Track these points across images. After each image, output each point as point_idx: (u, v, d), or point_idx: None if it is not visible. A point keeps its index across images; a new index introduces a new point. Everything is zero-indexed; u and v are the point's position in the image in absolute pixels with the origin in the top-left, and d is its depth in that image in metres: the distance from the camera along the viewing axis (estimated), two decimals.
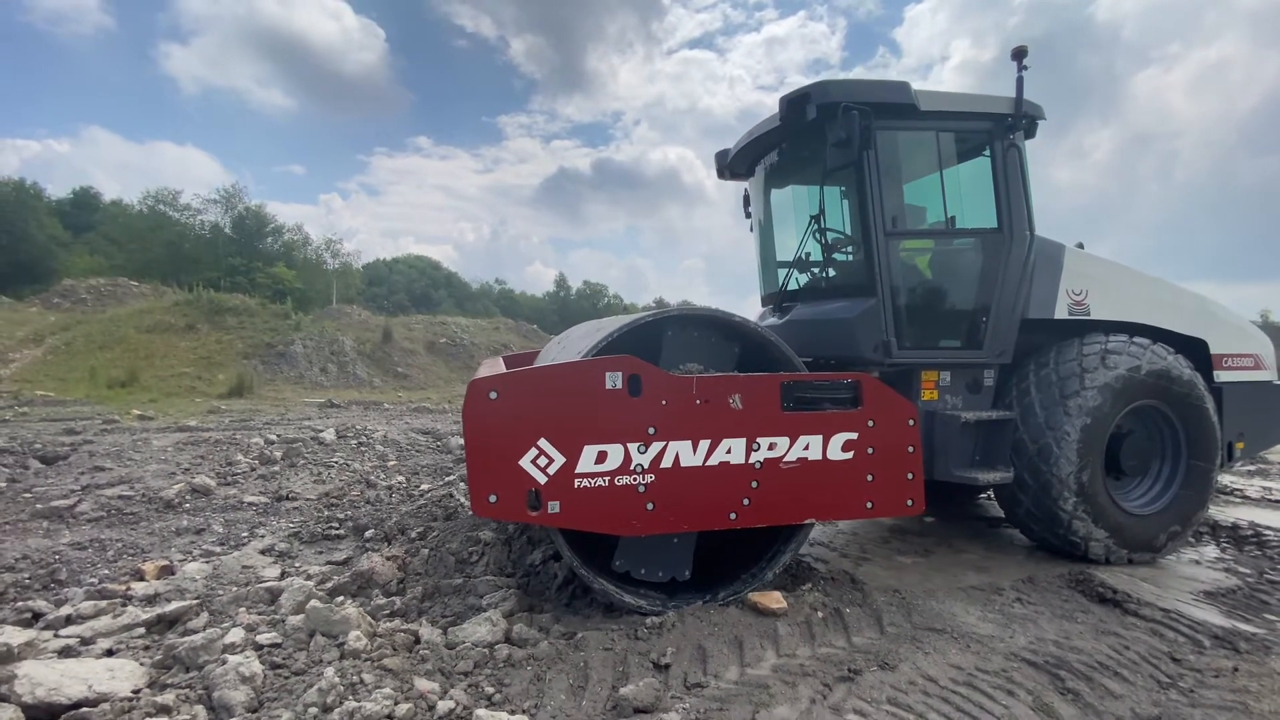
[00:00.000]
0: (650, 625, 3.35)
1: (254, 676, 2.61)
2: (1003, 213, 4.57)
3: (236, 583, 4.01)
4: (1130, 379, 4.43)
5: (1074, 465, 4.28)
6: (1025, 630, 3.45)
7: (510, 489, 3.04)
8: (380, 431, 9.48)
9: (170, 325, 18.07)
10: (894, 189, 4.57)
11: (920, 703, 2.75)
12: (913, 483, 3.60)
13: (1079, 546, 4.43)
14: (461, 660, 2.92)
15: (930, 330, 4.59)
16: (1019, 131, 4.56)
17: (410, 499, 6.03)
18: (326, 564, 4.44)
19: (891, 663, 3.05)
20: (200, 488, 6.04)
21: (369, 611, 3.52)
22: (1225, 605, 3.96)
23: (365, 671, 2.66)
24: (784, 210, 5.55)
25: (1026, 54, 4.47)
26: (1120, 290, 4.83)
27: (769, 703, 2.72)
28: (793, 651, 3.17)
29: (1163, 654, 3.27)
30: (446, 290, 70.90)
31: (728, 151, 5.63)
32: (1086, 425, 4.30)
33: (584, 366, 3.20)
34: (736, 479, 3.36)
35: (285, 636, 3.06)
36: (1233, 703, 2.84)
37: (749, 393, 3.37)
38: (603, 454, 3.16)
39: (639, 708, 2.61)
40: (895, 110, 4.37)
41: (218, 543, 4.79)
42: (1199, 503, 4.70)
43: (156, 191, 37.44)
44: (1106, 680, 2.98)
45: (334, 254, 44.52)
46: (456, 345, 22.75)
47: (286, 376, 16.73)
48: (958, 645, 3.26)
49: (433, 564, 4.41)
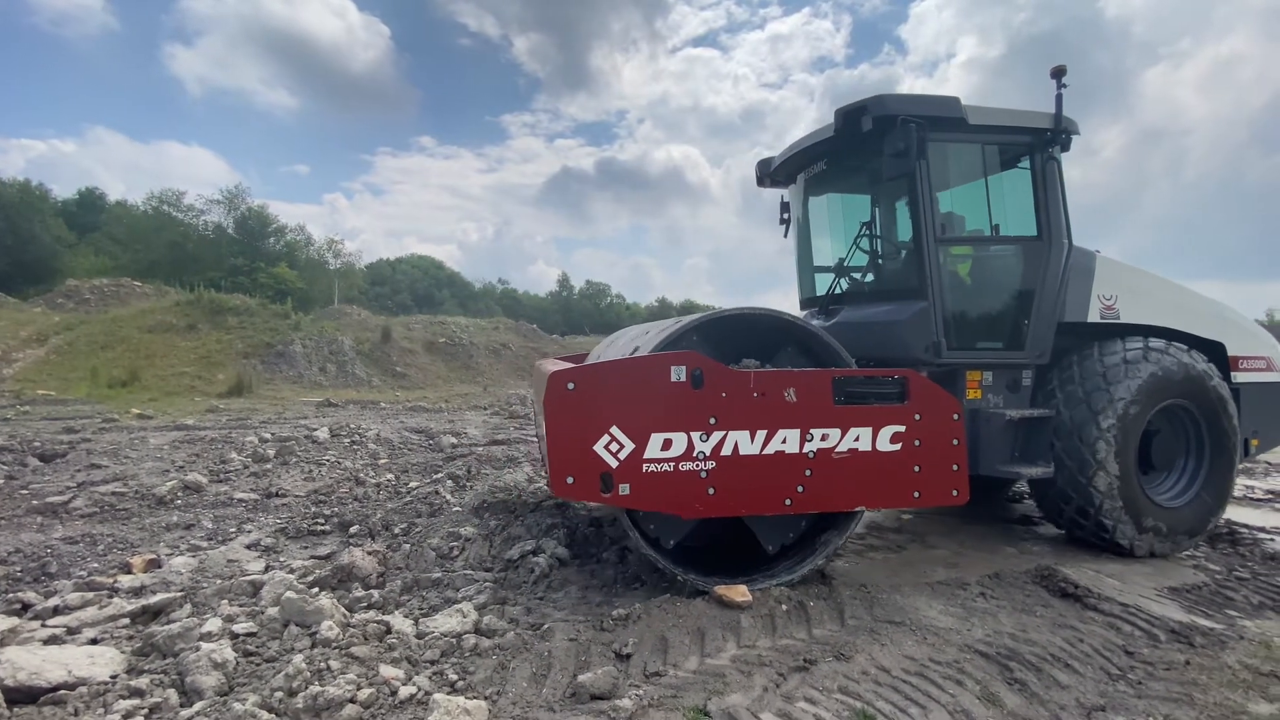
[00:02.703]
0: (616, 617, 3.45)
1: (225, 663, 2.71)
2: (1042, 221, 4.81)
3: (221, 576, 4.13)
4: (1163, 380, 4.65)
5: (1110, 461, 4.49)
6: (984, 623, 3.53)
7: (585, 472, 3.32)
8: (374, 430, 9.60)
9: (171, 325, 18.26)
10: (942, 198, 4.82)
11: (870, 691, 2.84)
12: (957, 474, 3.81)
13: (1112, 539, 4.61)
14: (429, 649, 3.02)
15: (976, 332, 4.81)
16: (1057, 145, 4.81)
17: (397, 496, 6.14)
18: (310, 558, 4.55)
19: (847, 653, 3.14)
20: (192, 484, 6.17)
21: (346, 604, 3.63)
22: (1188, 601, 4.03)
23: (333, 659, 2.77)
24: (826, 217, 5.80)
25: (1065, 72, 4.72)
26: (1146, 295, 5.06)
27: (723, 690, 2.81)
28: (753, 643, 3.26)
29: (1116, 647, 3.35)
30: (449, 290, 71.13)
31: (770, 160, 5.85)
32: (1122, 423, 4.51)
33: (652, 361, 3.47)
34: (792, 467, 3.60)
35: (261, 626, 3.17)
36: (1179, 694, 2.91)
37: (803, 387, 3.61)
38: (668, 441, 3.43)
39: (596, 695, 2.71)
40: (946, 124, 4.58)
41: (206, 538, 4.90)
42: (1222, 496, 4.92)
43: (161, 192, 37.77)
44: (1056, 671, 3.06)
45: (336, 254, 44.81)
46: (455, 345, 22.90)
47: (286, 376, 16.88)
48: (915, 637, 3.34)
49: (413, 558, 4.52)
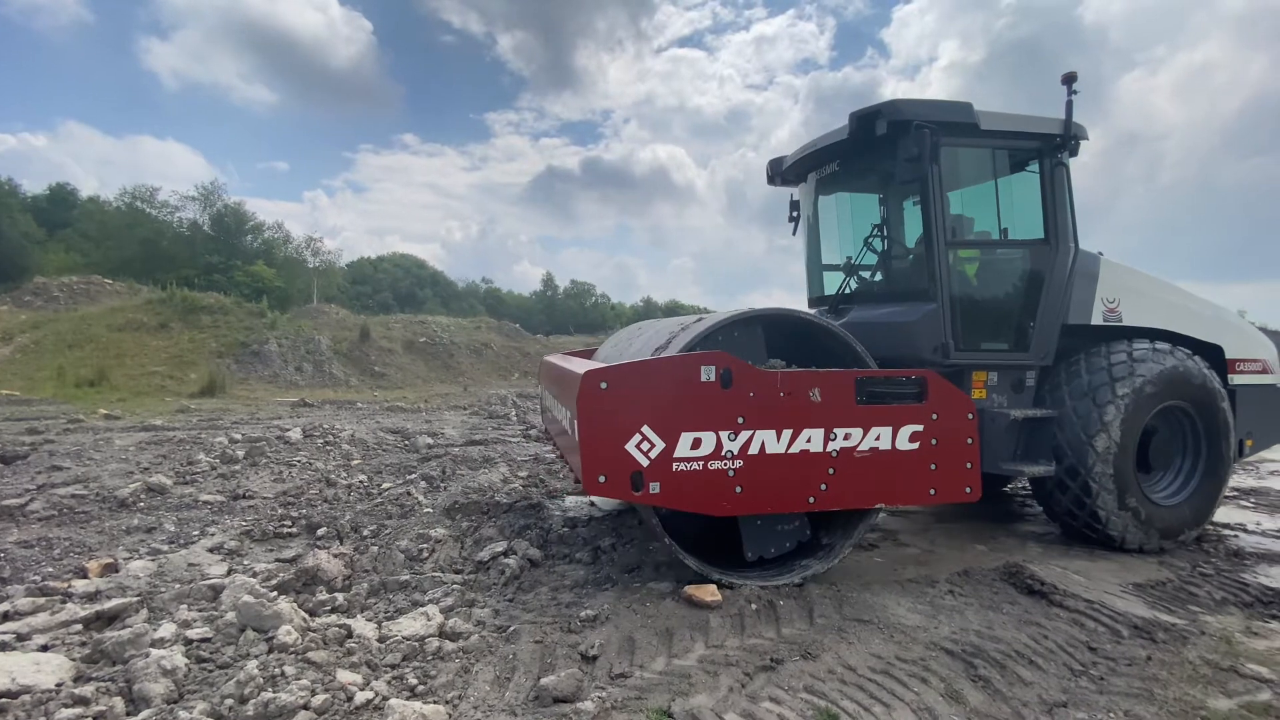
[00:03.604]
0: (584, 618, 3.42)
1: (176, 670, 2.64)
2: (1049, 225, 4.88)
3: (180, 580, 4.02)
4: (1164, 382, 4.74)
5: (1111, 460, 4.57)
6: (951, 621, 3.54)
7: (617, 470, 3.35)
8: (348, 431, 9.46)
9: (142, 324, 17.86)
10: (952, 201, 4.89)
11: (835, 690, 2.83)
12: (971, 471, 3.91)
13: (1113, 536, 4.70)
14: (390, 653, 2.96)
15: (983, 334, 4.87)
16: (1065, 150, 4.86)
17: (368, 498, 6.05)
18: (275, 561, 4.46)
19: (814, 652, 3.13)
20: (156, 487, 6.02)
21: (309, 608, 3.55)
22: (1152, 597, 4.08)
23: (288, 664, 2.70)
24: (835, 217, 5.86)
25: (1076, 79, 4.77)
26: (1148, 298, 5.14)
27: (688, 691, 2.79)
28: (721, 642, 3.24)
29: (1080, 643, 3.37)
30: (432, 289, 70.37)
31: (782, 160, 5.93)
32: (1123, 423, 4.60)
33: (683, 361, 3.51)
34: (816, 466, 3.66)
35: (217, 632, 3.09)
36: (1140, 690, 2.94)
37: (827, 387, 3.67)
38: (697, 440, 3.48)
39: (559, 697, 2.67)
40: (959, 128, 4.63)
41: (167, 541, 4.78)
42: (1216, 494, 5.05)
43: (134, 188, 36.91)
44: (1020, 668, 3.08)
45: (315, 252, 44.10)
46: (436, 344, 22.68)
47: (260, 376, 16.60)
48: (882, 635, 3.35)
49: (381, 561, 4.44)
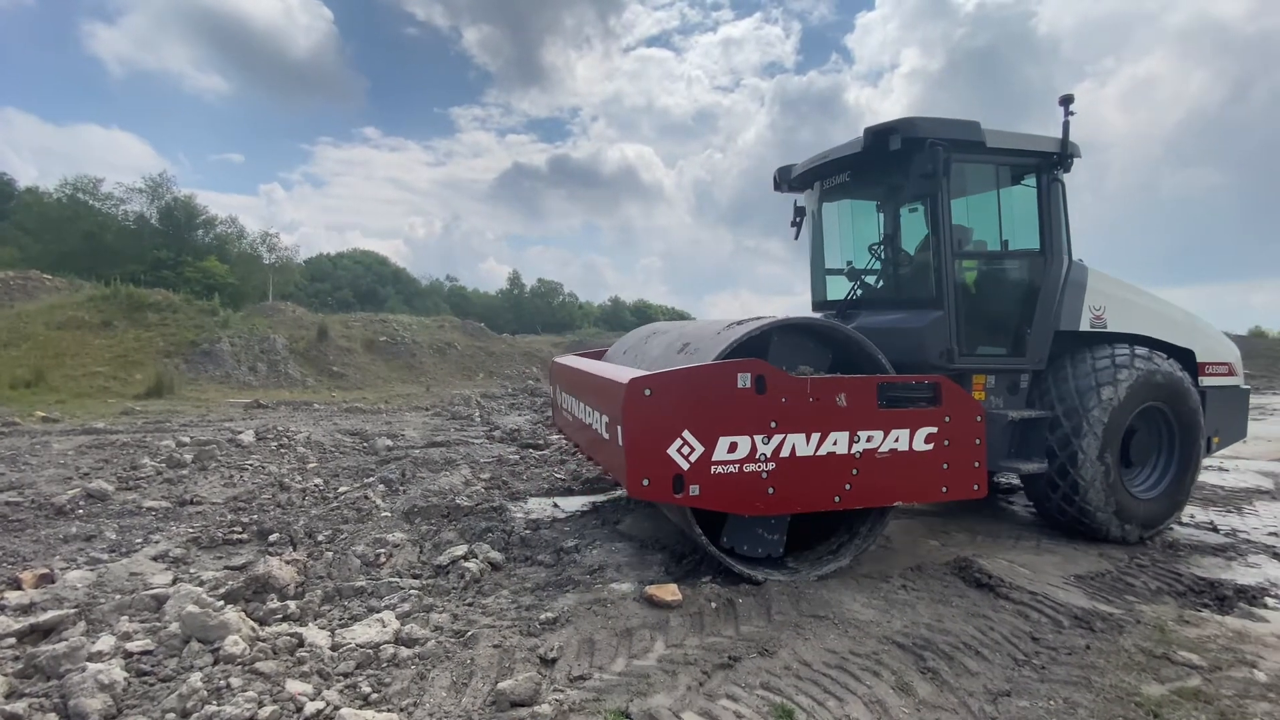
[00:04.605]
0: (544, 621, 3.41)
1: (114, 684, 2.53)
2: (1045, 237, 5.17)
3: (121, 590, 3.86)
4: (1144, 384, 5.06)
5: (1098, 457, 4.88)
6: (903, 614, 3.64)
7: (660, 474, 3.49)
8: (304, 433, 9.21)
9: (84, 322, 17.03)
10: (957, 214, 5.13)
11: (791, 686, 2.89)
12: (978, 470, 4.14)
13: (1091, 525, 4.99)
14: (344, 661, 2.90)
15: (985, 339, 5.14)
16: (1061, 167, 5.17)
17: (324, 502, 5.90)
18: (224, 569, 4.32)
19: (771, 649, 3.18)
20: (96, 493, 5.76)
21: (259, 616, 3.46)
22: (1092, 588, 4.26)
23: (235, 676, 2.62)
24: (839, 225, 6.11)
25: (1073, 100, 5.08)
26: (1130, 306, 5.46)
27: (646, 692, 2.80)
28: (681, 642, 3.26)
29: (1024, 634, 3.51)
30: (394, 287, 68.79)
31: (790, 168, 6.10)
32: (1109, 423, 4.89)
33: (721, 368, 3.65)
34: (841, 467, 3.85)
35: (159, 643, 2.98)
36: (1078, 678, 3.07)
37: (852, 392, 3.86)
38: (734, 444, 3.63)
39: (516, 702, 2.65)
40: (967, 146, 4.87)
41: (107, 550, 4.59)
42: (1187, 487, 5.42)
43: (76, 179, 35.20)
44: (967, 659, 3.18)
45: (271, 248, 42.77)
46: (397, 344, 22.21)
47: (212, 376, 16.00)
48: (837, 631, 3.42)
49: (336, 567, 4.34)
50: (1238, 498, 6.64)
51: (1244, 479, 7.46)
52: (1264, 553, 4.97)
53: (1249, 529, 5.60)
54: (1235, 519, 5.94)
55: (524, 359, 25.17)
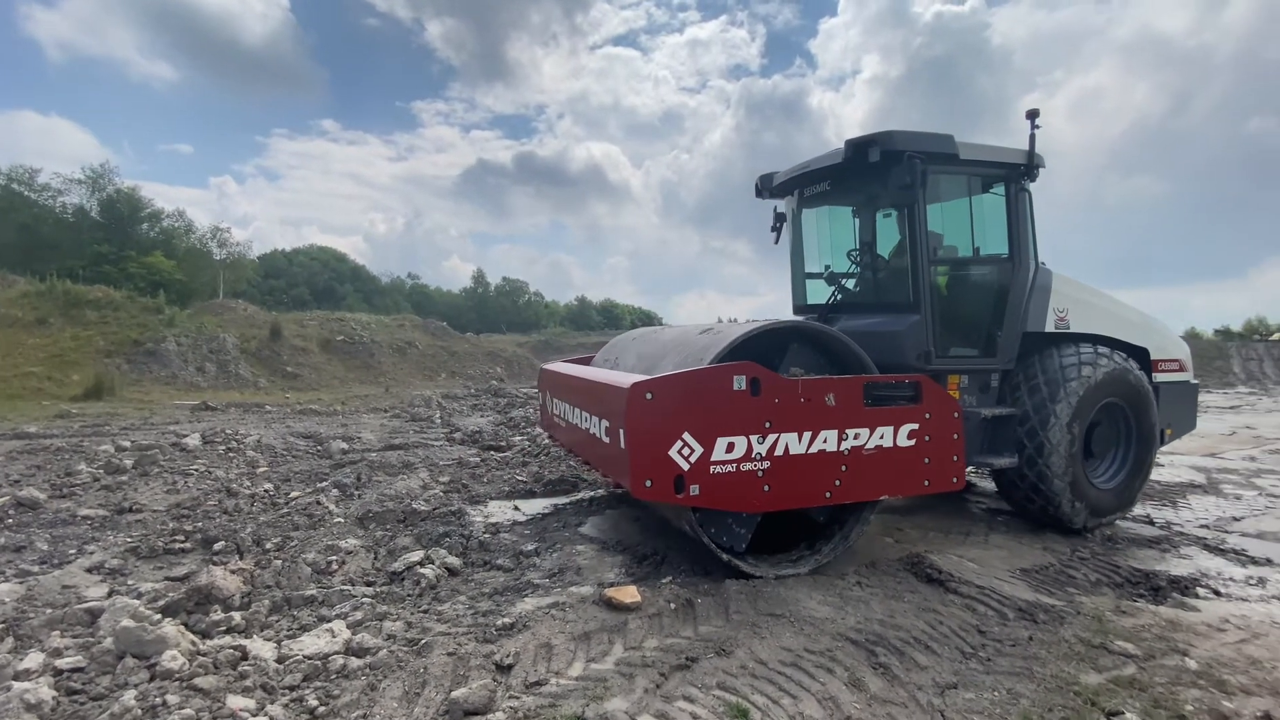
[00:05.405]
0: (500, 626, 3.37)
1: (41, 704, 2.40)
2: (1013, 243, 5.42)
3: (52, 604, 3.67)
4: (1106, 381, 5.36)
5: (1064, 451, 5.15)
6: (857, 611, 3.71)
7: (661, 475, 3.58)
8: (254, 436, 8.91)
9: (16, 319, 16.15)
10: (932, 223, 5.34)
11: (747, 685, 2.91)
12: (957, 464, 4.36)
13: (1057, 514, 5.27)
14: (289, 674, 2.81)
15: (958, 341, 5.39)
16: (1027, 177, 5.43)
17: (274, 508, 5.72)
18: (164, 580, 4.14)
19: (728, 649, 3.20)
20: (27, 501, 5.47)
21: (201, 629, 3.33)
22: (1035, 580, 4.41)
23: (171, 692, 2.51)
24: (819, 231, 6.34)
25: (1039, 114, 5.38)
26: (1091, 308, 5.75)
27: (603, 696, 2.79)
28: (639, 644, 3.26)
29: (971, 627, 3.61)
30: (353, 285, 67.04)
31: (772, 176, 6.25)
32: (1074, 418, 5.18)
33: (718, 371, 3.75)
34: (831, 464, 3.99)
35: (91, 660, 2.84)
36: (1021, 669, 3.17)
37: (841, 392, 4.01)
38: (731, 444, 3.73)
39: (469, 710, 2.61)
40: (941, 158, 5.06)
41: (38, 561, 4.35)
42: (1143, 478, 5.76)
43: (10, 169, 33.35)
44: (917, 654, 3.26)
45: (221, 243, 41.30)
46: (355, 343, 21.68)
47: (156, 377, 15.34)
48: (793, 628, 3.46)
49: (286, 575, 4.21)
50: (1173, 492, 6.96)
51: (1179, 474, 7.82)
52: (1196, 544, 5.22)
53: (1182, 522, 5.88)
54: (1170, 512, 6.22)
55: (487, 359, 24.86)
